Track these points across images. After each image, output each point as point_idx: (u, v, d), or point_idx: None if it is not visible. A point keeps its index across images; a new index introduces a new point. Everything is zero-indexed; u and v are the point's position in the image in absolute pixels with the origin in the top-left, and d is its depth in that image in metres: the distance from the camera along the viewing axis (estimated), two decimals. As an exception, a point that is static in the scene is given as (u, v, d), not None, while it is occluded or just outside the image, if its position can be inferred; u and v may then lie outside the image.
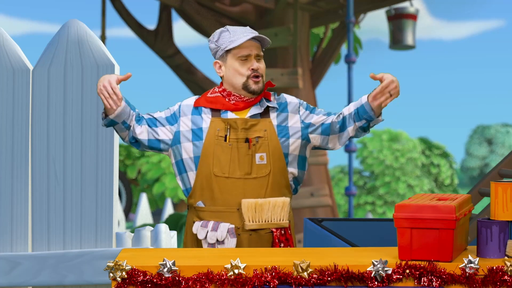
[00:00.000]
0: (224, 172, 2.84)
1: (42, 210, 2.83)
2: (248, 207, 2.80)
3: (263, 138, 2.88)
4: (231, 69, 2.89)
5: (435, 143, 24.52)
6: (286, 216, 2.87)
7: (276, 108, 2.94)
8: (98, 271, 2.74)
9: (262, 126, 2.89)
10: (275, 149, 2.88)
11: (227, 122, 2.86)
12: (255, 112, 2.90)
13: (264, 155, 2.87)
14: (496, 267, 2.22)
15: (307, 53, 10.04)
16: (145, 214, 11.10)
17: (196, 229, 2.88)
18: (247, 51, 2.86)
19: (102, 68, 2.83)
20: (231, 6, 9.86)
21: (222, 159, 2.85)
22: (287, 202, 2.86)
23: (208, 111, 2.91)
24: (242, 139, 2.86)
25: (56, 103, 2.84)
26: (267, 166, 2.87)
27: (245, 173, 2.85)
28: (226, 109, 2.89)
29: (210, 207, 2.87)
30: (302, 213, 9.42)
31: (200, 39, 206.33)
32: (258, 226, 2.82)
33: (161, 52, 10.24)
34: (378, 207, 22.59)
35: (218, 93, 2.94)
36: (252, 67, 2.86)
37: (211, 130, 2.86)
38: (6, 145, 2.86)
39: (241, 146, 2.85)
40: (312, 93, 10.07)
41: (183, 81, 10.37)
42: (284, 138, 2.91)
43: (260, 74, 2.88)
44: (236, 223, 2.85)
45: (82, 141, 2.83)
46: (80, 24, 2.84)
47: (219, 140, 2.85)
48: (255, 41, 2.89)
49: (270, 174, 2.87)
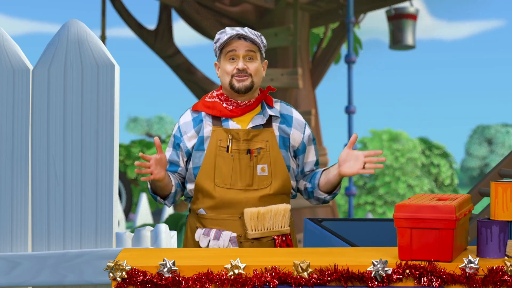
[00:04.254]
0: (226, 183, 2.83)
1: (42, 210, 2.83)
2: (251, 216, 2.80)
3: (265, 149, 2.86)
4: (222, 69, 2.88)
5: (435, 143, 24.52)
6: (287, 223, 2.86)
7: (278, 117, 2.92)
8: (98, 271, 2.74)
9: (264, 136, 2.86)
10: (277, 160, 2.87)
11: (229, 133, 2.85)
12: (257, 123, 2.87)
13: (266, 166, 2.86)
14: (496, 267, 2.22)
15: (307, 53, 10.04)
16: (145, 214, 11.10)
17: (198, 237, 2.88)
18: (233, 50, 2.83)
19: (102, 68, 2.83)
20: (231, 6, 9.86)
21: (224, 170, 2.83)
22: (288, 209, 2.85)
23: (209, 119, 2.89)
24: (243, 150, 2.84)
25: (56, 103, 2.84)
26: (268, 177, 2.86)
27: (246, 185, 2.84)
28: (224, 116, 2.87)
29: (212, 215, 2.87)
30: (302, 213, 9.41)
31: (200, 39, 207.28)
32: (260, 234, 2.82)
33: (161, 52, 10.24)
34: (378, 207, 22.58)
35: (215, 98, 2.91)
36: (237, 67, 2.83)
37: (213, 139, 2.85)
38: (6, 145, 2.86)
39: (242, 158, 2.83)
40: (312, 93, 10.07)
41: (183, 81, 10.37)
42: (285, 149, 2.90)
43: (249, 73, 2.84)
44: (238, 231, 2.84)
45: (82, 141, 2.83)
46: (80, 24, 2.84)
47: (221, 151, 2.84)
48: (246, 40, 2.85)
49: (271, 185, 2.86)
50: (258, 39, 2.87)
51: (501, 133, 44.02)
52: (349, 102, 8.42)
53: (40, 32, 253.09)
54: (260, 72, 2.89)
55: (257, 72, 2.87)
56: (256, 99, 2.90)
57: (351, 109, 8.40)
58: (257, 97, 2.91)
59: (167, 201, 2.96)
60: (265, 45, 2.92)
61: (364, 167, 2.79)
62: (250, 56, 2.85)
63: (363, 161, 2.79)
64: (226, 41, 2.84)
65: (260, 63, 2.89)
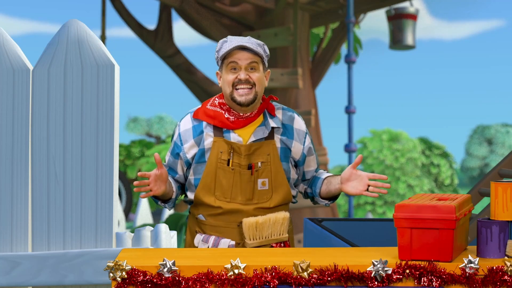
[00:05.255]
0: (226, 196, 2.82)
1: (42, 210, 2.83)
2: (249, 226, 2.79)
3: (266, 163, 2.82)
4: (224, 79, 2.82)
5: (435, 143, 24.51)
6: (286, 230, 2.85)
7: (280, 128, 2.89)
8: (98, 271, 2.74)
9: (265, 149, 2.82)
10: (278, 174, 2.84)
11: (231, 146, 2.82)
12: (259, 136, 2.83)
13: (266, 180, 2.83)
14: (496, 267, 2.22)
15: (307, 53, 10.04)
16: (145, 214, 11.09)
17: (197, 243, 2.88)
18: (235, 61, 2.77)
19: (102, 68, 2.83)
20: (231, 6, 9.86)
21: (224, 183, 2.81)
22: (287, 217, 2.84)
23: (210, 129, 2.85)
24: (245, 165, 2.81)
25: (56, 103, 2.84)
26: (269, 191, 2.84)
27: (247, 199, 2.82)
28: (225, 128, 2.83)
29: (211, 221, 2.86)
30: (302, 213, 9.41)
31: (200, 39, 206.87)
32: (258, 243, 2.81)
33: (161, 52, 10.24)
34: (378, 207, 22.58)
35: (217, 107, 2.86)
36: (238, 77, 2.77)
37: (214, 151, 2.81)
38: (6, 145, 2.86)
39: (243, 172, 2.81)
40: (312, 93, 10.07)
41: (183, 81, 10.37)
42: (286, 162, 2.88)
43: (252, 83, 2.78)
44: (236, 239, 2.83)
45: (82, 141, 2.83)
46: (80, 24, 2.84)
47: (222, 164, 2.82)
48: (248, 51, 2.78)
49: (272, 199, 2.85)
50: (261, 49, 2.81)
51: (501, 133, 44.02)
52: (349, 102, 8.42)
53: (40, 32, 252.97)
54: (262, 82, 2.83)
55: (259, 82, 2.81)
56: (258, 110, 2.85)
57: (351, 109, 8.40)
58: (259, 108, 2.85)
59: (167, 205, 2.96)
60: (267, 54, 2.85)
61: (368, 190, 2.78)
62: (253, 67, 2.79)
63: (367, 183, 2.79)
64: (228, 52, 2.78)
65: (262, 73, 2.83)
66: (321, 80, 10.32)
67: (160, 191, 2.75)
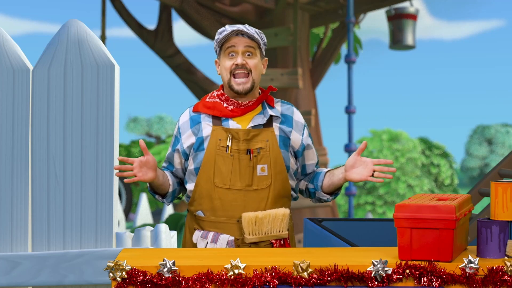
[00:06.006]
0: (225, 183, 2.82)
1: (42, 210, 2.83)
2: (249, 221, 2.78)
3: (265, 149, 2.84)
4: (222, 65, 2.87)
5: (435, 143, 24.52)
6: (285, 227, 2.85)
7: (279, 117, 2.91)
8: (98, 271, 2.74)
9: (264, 136, 2.84)
10: (277, 160, 2.85)
11: (229, 132, 2.84)
12: (258, 123, 2.85)
13: (266, 166, 2.84)
14: (496, 267, 2.22)
15: (307, 53, 10.04)
16: (145, 214, 11.09)
17: (196, 239, 2.87)
18: (232, 46, 2.82)
19: (102, 68, 2.83)
20: (231, 6, 9.86)
21: (223, 169, 2.82)
22: (287, 213, 2.83)
23: (209, 118, 2.87)
24: (243, 150, 2.81)
25: (56, 103, 2.84)
26: (268, 177, 2.84)
27: (246, 185, 2.82)
28: (224, 116, 2.86)
29: (210, 217, 2.85)
30: (302, 213, 9.42)
31: (200, 39, 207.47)
32: (258, 239, 2.81)
33: (161, 52, 10.24)
34: (378, 207, 22.58)
35: (216, 98, 2.89)
36: (236, 62, 2.81)
37: (213, 139, 2.83)
38: (6, 145, 2.86)
39: (242, 158, 2.82)
40: (312, 93, 10.07)
41: (183, 81, 10.37)
42: (285, 150, 2.88)
43: (248, 69, 2.82)
44: (235, 235, 2.83)
45: (82, 141, 2.83)
46: (80, 24, 2.84)
47: (221, 150, 2.82)
48: (245, 36, 2.83)
49: (271, 186, 2.84)
50: (258, 36, 2.85)
51: (501, 133, 44.03)
52: (349, 102, 8.43)
53: (40, 32, 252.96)
54: (259, 68, 2.87)
55: (256, 68, 2.85)
56: (257, 99, 2.89)
57: (351, 109, 8.40)
58: (258, 97, 2.90)
59: (165, 200, 2.96)
60: (265, 42, 2.89)
61: (373, 175, 2.78)
62: (250, 52, 2.83)
63: (372, 168, 2.78)
64: (226, 38, 2.83)
65: (259, 60, 2.87)
66: (321, 80, 10.32)
67: (146, 177, 2.75)
